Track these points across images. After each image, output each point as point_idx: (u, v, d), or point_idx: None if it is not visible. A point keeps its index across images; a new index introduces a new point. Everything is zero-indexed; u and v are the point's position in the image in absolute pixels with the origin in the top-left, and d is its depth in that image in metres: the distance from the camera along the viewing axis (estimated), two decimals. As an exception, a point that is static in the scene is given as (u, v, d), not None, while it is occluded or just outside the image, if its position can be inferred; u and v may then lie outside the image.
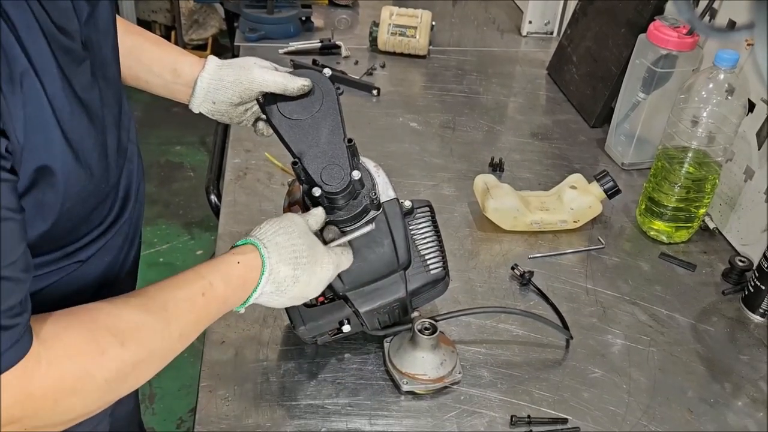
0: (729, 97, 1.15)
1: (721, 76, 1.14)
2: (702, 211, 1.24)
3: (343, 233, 0.87)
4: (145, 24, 3.89)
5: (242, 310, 0.81)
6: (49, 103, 0.60)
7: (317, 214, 0.86)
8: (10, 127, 0.57)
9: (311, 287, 0.83)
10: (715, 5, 1.30)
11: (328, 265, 0.84)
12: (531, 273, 1.15)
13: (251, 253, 0.78)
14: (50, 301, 0.68)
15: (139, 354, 0.68)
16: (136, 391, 1.07)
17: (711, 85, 1.15)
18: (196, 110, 0.98)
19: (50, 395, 0.63)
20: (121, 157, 0.79)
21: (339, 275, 0.87)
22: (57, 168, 0.62)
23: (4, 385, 0.59)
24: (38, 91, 0.59)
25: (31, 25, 0.59)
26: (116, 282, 0.83)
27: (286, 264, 0.79)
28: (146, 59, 0.97)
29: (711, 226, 1.28)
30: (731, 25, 1.26)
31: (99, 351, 0.65)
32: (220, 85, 0.95)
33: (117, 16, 0.88)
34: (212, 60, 0.97)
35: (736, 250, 1.25)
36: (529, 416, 0.93)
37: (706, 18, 1.30)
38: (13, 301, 0.59)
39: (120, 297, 0.71)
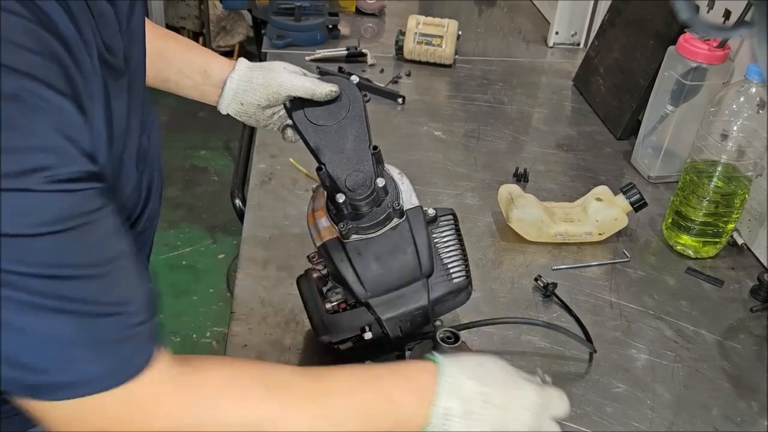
0: (760, 111, 1.13)
1: (753, 90, 1.13)
2: (730, 226, 1.22)
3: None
4: (173, 30, 3.91)
5: None
6: None
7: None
8: (93, 147, 0.56)
9: (511, 414, 0.69)
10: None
11: (528, 390, 0.71)
12: (554, 285, 1.14)
13: (428, 362, 0.71)
14: None
15: (281, 411, 0.62)
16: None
17: (742, 99, 1.14)
18: (224, 111, 0.99)
19: (171, 424, 0.57)
20: (141, 162, 0.79)
21: (361, 281, 0.86)
22: None
23: (117, 394, 0.55)
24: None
25: (91, 44, 0.59)
26: None
27: (471, 377, 0.69)
28: (177, 62, 0.98)
29: (740, 241, 1.26)
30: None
31: (240, 394, 0.60)
32: (249, 86, 0.96)
33: (146, 19, 0.89)
34: (242, 62, 0.98)
35: (765, 267, 1.23)
36: (550, 429, 0.91)
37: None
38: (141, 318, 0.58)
39: (284, 364, 0.68)
